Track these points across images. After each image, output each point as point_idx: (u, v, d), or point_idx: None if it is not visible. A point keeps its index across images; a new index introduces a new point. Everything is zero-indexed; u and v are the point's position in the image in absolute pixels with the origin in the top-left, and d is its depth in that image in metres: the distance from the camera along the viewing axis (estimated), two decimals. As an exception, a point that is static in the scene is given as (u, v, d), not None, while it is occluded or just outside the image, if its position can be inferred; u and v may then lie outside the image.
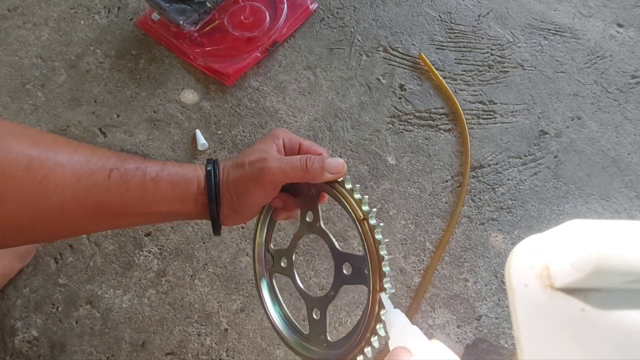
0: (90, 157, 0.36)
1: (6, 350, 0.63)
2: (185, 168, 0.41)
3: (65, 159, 0.35)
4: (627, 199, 0.73)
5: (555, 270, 0.25)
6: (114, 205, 0.37)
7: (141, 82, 0.83)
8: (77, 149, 0.36)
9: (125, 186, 0.37)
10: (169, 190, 0.39)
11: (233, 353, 0.62)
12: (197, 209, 0.41)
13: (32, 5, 0.92)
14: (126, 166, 0.37)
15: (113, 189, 0.36)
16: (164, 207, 0.39)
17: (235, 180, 0.41)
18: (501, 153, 0.76)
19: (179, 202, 0.40)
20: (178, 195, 0.40)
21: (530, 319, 0.25)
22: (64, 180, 0.34)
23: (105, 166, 0.36)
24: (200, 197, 0.40)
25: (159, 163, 0.40)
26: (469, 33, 0.88)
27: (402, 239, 0.69)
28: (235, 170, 0.42)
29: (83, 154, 0.36)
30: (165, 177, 0.39)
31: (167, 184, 0.39)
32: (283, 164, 0.40)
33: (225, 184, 0.41)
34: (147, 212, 0.39)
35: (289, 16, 0.87)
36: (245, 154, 0.42)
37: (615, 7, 0.90)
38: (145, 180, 0.38)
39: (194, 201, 0.40)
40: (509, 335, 0.63)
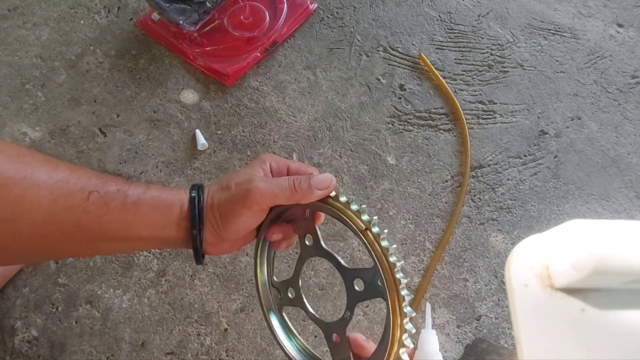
0: (69, 177, 0.35)
1: (6, 350, 0.63)
2: (169, 192, 0.40)
3: (42, 178, 0.34)
4: (627, 199, 0.73)
5: (555, 270, 0.25)
6: (92, 228, 0.36)
7: (141, 82, 0.83)
8: (56, 169, 0.35)
9: (104, 209, 0.36)
10: (150, 213, 0.38)
11: (233, 353, 0.62)
12: (179, 234, 0.39)
13: (32, 5, 0.92)
14: (107, 188, 0.36)
15: (91, 211, 0.35)
16: (144, 232, 0.38)
17: (221, 203, 0.39)
18: (501, 153, 0.76)
19: (160, 226, 0.39)
20: (159, 220, 0.38)
21: (530, 319, 0.25)
22: (39, 200, 0.33)
23: (85, 187, 0.35)
24: (183, 222, 0.39)
25: (141, 186, 0.39)
26: (469, 33, 0.88)
27: (402, 239, 0.69)
28: (220, 192, 0.40)
29: (62, 174, 0.35)
30: (146, 200, 0.38)
31: (148, 207, 0.38)
32: (271, 184, 0.39)
33: (210, 207, 0.40)
34: (126, 236, 0.38)
35: (288, 16, 0.87)
36: (232, 177, 0.41)
37: (615, 7, 0.90)
38: (126, 203, 0.37)
39: (176, 226, 0.39)
40: (509, 335, 0.63)
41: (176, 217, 0.39)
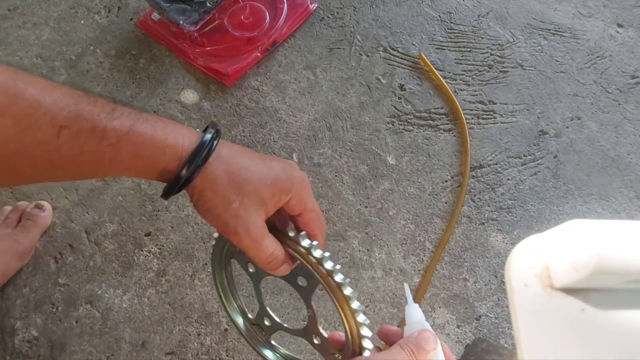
0: (36, 106, 0.30)
1: (6, 350, 0.63)
2: (161, 136, 0.34)
3: (6, 102, 0.29)
4: (627, 199, 0.73)
5: (555, 270, 0.25)
6: (66, 166, 0.32)
7: (141, 81, 0.83)
8: (20, 94, 0.30)
9: (77, 149, 0.31)
10: (130, 161, 0.33)
11: (233, 353, 0.62)
12: (160, 178, 0.35)
13: (32, 5, 0.92)
14: (80, 124, 0.31)
15: (64, 151, 0.31)
16: (123, 173, 0.35)
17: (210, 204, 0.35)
18: (501, 153, 0.76)
19: (140, 172, 0.34)
20: (141, 168, 0.34)
21: (530, 319, 0.25)
22: (4, 131, 0.29)
23: (54, 122, 0.30)
24: (167, 174, 0.35)
25: (128, 120, 0.33)
26: (468, 33, 0.88)
27: (402, 239, 0.70)
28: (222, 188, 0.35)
29: (27, 101, 0.30)
30: (128, 144, 0.32)
31: (128, 154, 0.33)
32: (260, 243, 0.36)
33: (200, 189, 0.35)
34: (102, 175, 0.35)
35: (288, 16, 0.87)
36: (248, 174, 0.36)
37: (615, 7, 0.90)
38: (102, 146, 0.32)
39: (159, 175, 0.35)
40: (509, 335, 0.63)
41: (162, 169, 0.34)
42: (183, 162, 0.34)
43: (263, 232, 0.37)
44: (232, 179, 0.36)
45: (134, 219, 0.71)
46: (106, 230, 0.70)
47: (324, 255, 0.38)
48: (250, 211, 0.36)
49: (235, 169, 0.36)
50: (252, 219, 0.36)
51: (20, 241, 0.66)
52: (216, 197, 0.35)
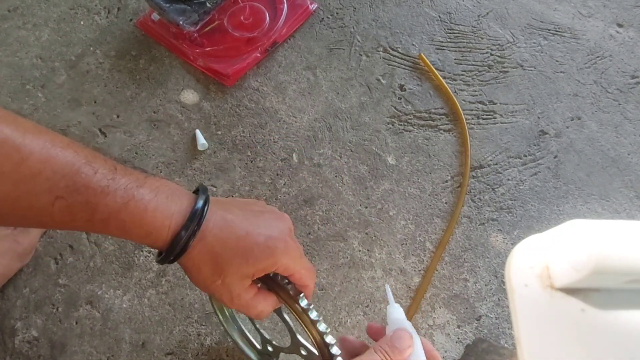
0: (37, 176, 0.31)
1: (6, 350, 0.63)
2: (150, 216, 0.35)
3: (7, 170, 0.30)
4: (627, 199, 0.73)
5: (555, 270, 0.25)
6: (57, 227, 0.34)
7: (141, 82, 0.83)
8: (24, 161, 0.31)
9: (69, 218, 0.33)
10: (117, 234, 0.35)
11: (233, 353, 0.62)
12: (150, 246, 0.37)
13: (32, 5, 0.92)
14: (74, 198, 0.32)
15: (57, 218, 0.33)
16: (113, 237, 0.37)
17: (197, 277, 0.38)
18: (501, 153, 0.76)
19: (130, 239, 0.36)
20: (128, 238, 0.36)
21: (530, 319, 0.25)
22: (2, 194, 0.31)
23: (52, 190, 0.32)
24: (160, 245, 0.37)
25: (118, 199, 0.34)
26: (468, 33, 0.88)
27: (402, 239, 0.70)
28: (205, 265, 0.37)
29: (29, 170, 0.31)
30: (117, 221, 0.34)
31: (116, 229, 0.35)
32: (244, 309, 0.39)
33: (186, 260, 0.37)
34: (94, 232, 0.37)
35: (288, 16, 0.87)
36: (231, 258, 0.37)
37: (615, 7, 0.90)
38: (93, 219, 0.34)
39: (148, 244, 0.37)
40: (509, 335, 0.63)
41: (149, 244, 0.36)
42: (167, 245, 0.36)
43: (248, 299, 0.39)
44: (214, 260, 0.37)
45: (134, 219, 0.71)
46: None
47: (310, 307, 0.41)
48: (233, 285, 0.38)
49: (217, 249, 0.37)
50: (237, 292, 0.38)
51: (20, 242, 0.66)
52: (200, 276, 0.37)
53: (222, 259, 0.37)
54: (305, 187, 0.74)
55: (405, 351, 0.36)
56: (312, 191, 0.73)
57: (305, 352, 0.47)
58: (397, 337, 0.37)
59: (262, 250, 0.38)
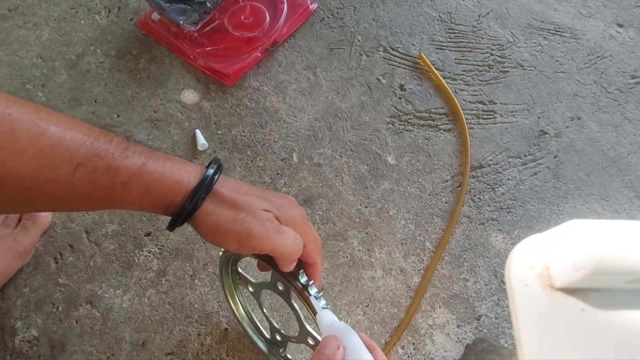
0: (56, 146, 0.32)
1: (6, 350, 0.63)
2: (169, 174, 0.36)
3: (25, 145, 0.31)
4: (627, 199, 0.73)
5: (555, 270, 0.25)
6: (78, 200, 0.34)
7: (141, 82, 0.83)
8: (42, 134, 0.31)
9: (91, 186, 0.33)
10: (139, 198, 0.35)
11: (233, 353, 0.62)
12: (165, 213, 0.38)
13: (32, 5, 0.92)
14: (95, 163, 0.33)
15: (78, 186, 0.33)
16: (132, 208, 0.37)
17: (218, 222, 0.37)
18: (501, 153, 0.76)
19: (147, 207, 0.37)
20: (148, 204, 0.36)
21: (530, 319, 0.25)
22: (22, 169, 0.31)
23: (72, 160, 0.32)
24: (172, 208, 0.37)
25: (139, 159, 0.35)
26: (469, 33, 0.88)
27: (402, 238, 0.70)
28: (225, 209, 0.37)
29: (50, 139, 0.32)
30: (139, 183, 0.35)
31: (138, 191, 0.35)
32: (277, 238, 0.38)
33: (203, 214, 0.37)
34: (111, 208, 0.37)
35: (289, 16, 0.87)
36: (245, 197, 0.38)
37: (615, 7, 0.90)
38: (115, 183, 0.34)
39: (165, 209, 0.37)
40: (509, 335, 0.63)
41: (168, 203, 0.37)
42: (187, 196, 0.36)
43: (276, 224, 0.38)
44: (232, 202, 0.38)
45: (134, 219, 0.71)
46: (106, 231, 0.70)
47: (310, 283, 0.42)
48: (259, 213, 0.38)
49: (234, 196, 0.38)
50: (264, 216, 0.38)
51: (20, 241, 0.66)
52: (220, 218, 0.37)
53: (242, 199, 0.38)
54: (305, 186, 0.74)
55: (335, 354, 0.36)
56: (312, 191, 0.73)
57: (313, 342, 0.47)
58: (323, 346, 0.36)
59: (278, 195, 0.41)
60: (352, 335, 0.37)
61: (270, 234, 0.37)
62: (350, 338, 0.37)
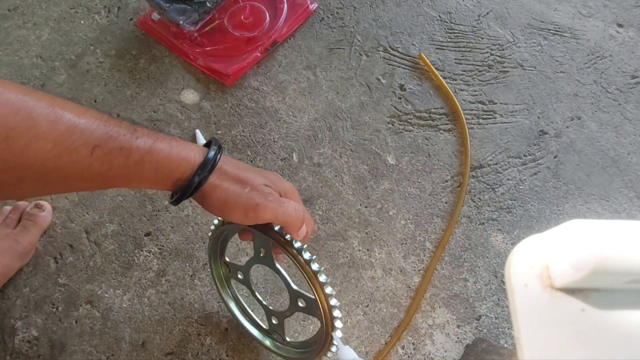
0: (73, 130, 0.34)
1: (6, 350, 0.63)
2: (176, 151, 0.40)
3: (45, 130, 0.33)
4: (627, 199, 0.73)
5: (555, 270, 0.25)
6: (94, 180, 0.37)
7: (141, 82, 0.83)
8: (61, 116, 0.34)
9: (107, 166, 0.36)
10: (151, 175, 0.39)
11: (233, 353, 0.62)
12: (173, 188, 0.41)
13: (32, 5, 0.92)
14: (110, 144, 0.36)
15: (95, 167, 0.36)
16: (143, 185, 0.40)
17: (226, 195, 0.41)
18: (501, 153, 0.76)
19: (159, 184, 0.40)
20: (159, 179, 0.40)
21: (530, 319, 0.25)
22: (44, 153, 0.33)
23: (89, 142, 0.35)
24: (180, 182, 0.40)
25: (148, 140, 0.38)
26: (468, 33, 0.88)
27: (402, 238, 0.70)
28: (231, 183, 0.41)
29: (66, 123, 0.34)
30: (150, 160, 0.38)
31: (150, 168, 0.38)
32: (279, 207, 0.42)
33: (211, 188, 0.41)
34: (124, 186, 0.40)
35: (289, 16, 0.87)
36: (248, 173, 0.42)
37: (615, 7, 0.90)
38: (129, 162, 0.37)
39: (173, 184, 0.41)
40: (509, 335, 0.63)
41: (176, 178, 0.40)
42: (195, 170, 0.40)
43: (279, 196, 0.43)
44: (237, 178, 0.42)
45: (134, 219, 0.71)
46: (106, 231, 0.70)
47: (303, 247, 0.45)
48: (261, 188, 0.42)
49: (237, 172, 0.42)
50: (267, 190, 0.42)
51: (20, 241, 0.66)
52: (228, 192, 0.41)
53: (245, 175, 0.42)
54: (305, 186, 0.74)
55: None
56: (312, 191, 0.73)
57: (303, 304, 0.49)
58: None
59: (269, 172, 0.45)
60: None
61: (275, 205, 0.41)
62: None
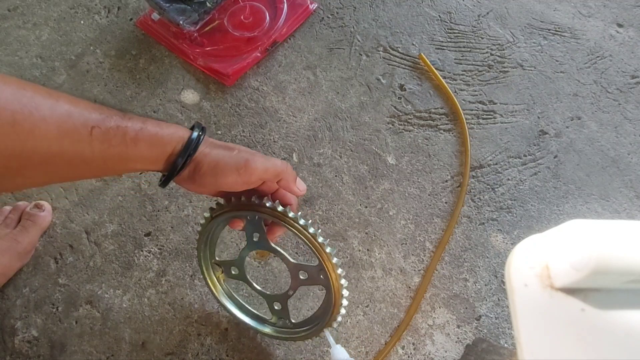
0: (71, 112, 0.36)
1: (6, 350, 0.63)
2: (166, 128, 0.42)
3: (47, 112, 0.34)
4: (627, 199, 0.73)
5: (555, 270, 0.25)
6: (95, 161, 0.38)
7: (141, 82, 0.83)
8: (57, 101, 0.36)
9: (106, 144, 0.38)
10: (146, 150, 0.40)
11: (233, 353, 0.62)
12: (165, 167, 0.43)
13: (32, 5, 0.92)
14: (107, 123, 0.38)
15: (95, 147, 0.37)
16: (138, 166, 0.41)
17: (217, 159, 0.43)
18: (501, 153, 0.76)
19: (152, 161, 0.42)
20: (153, 156, 0.41)
21: (530, 319, 0.25)
22: (48, 135, 0.34)
23: (87, 123, 0.36)
24: (173, 157, 0.42)
25: (139, 121, 0.40)
26: (468, 33, 0.88)
27: (402, 239, 0.70)
28: (220, 149, 0.44)
29: (64, 107, 0.36)
30: (144, 136, 0.40)
31: (145, 144, 0.40)
32: (266, 161, 0.45)
33: (202, 156, 0.43)
34: (122, 169, 0.41)
35: (288, 16, 0.87)
36: (233, 145, 0.46)
37: (615, 7, 0.90)
38: (126, 140, 0.39)
39: (165, 161, 0.42)
40: (509, 335, 0.63)
41: (168, 153, 0.42)
42: (186, 141, 0.42)
43: (265, 155, 0.46)
44: (225, 146, 0.45)
45: (134, 219, 0.71)
46: (106, 231, 0.70)
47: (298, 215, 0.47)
48: (248, 149, 0.46)
49: (224, 143, 0.46)
50: (252, 151, 0.46)
51: (20, 241, 0.66)
52: (218, 156, 0.44)
53: (230, 144, 0.46)
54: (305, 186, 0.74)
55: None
56: (312, 191, 0.73)
57: (305, 275, 0.51)
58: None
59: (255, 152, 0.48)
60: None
61: (263, 159, 0.45)
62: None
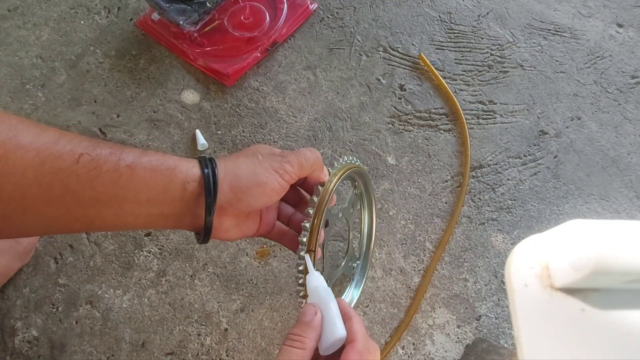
0: (58, 139, 0.33)
1: (6, 350, 0.63)
2: (169, 157, 0.37)
3: (28, 140, 0.31)
4: (627, 199, 0.73)
5: (555, 270, 0.25)
6: (83, 192, 0.33)
7: (141, 82, 0.83)
8: (44, 131, 0.33)
9: (96, 171, 0.33)
10: (147, 176, 0.35)
11: (233, 353, 0.62)
12: (184, 200, 0.37)
13: (32, 5, 0.92)
14: (98, 151, 0.34)
15: (82, 174, 0.33)
16: (142, 196, 0.35)
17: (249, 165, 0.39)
18: (501, 153, 0.76)
19: (161, 191, 0.36)
20: (159, 183, 0.35)
21: (530, 319, 0.25)
22: (24, 162, 0.31)
23: (75, 150, 0.33)
24: (190, 185, 0.36)
25: (137, 150, 0.36)
26: (468, 33, 0.88)
27: (402, 239, 0.70)
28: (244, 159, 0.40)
29: (50, 137, 0.33)
30: (143, 163, 0.35)
31: (145, 170, 0.35)
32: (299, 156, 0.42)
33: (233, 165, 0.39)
34: (122, 201, 0.35)
35: (288, 16, 0.87)
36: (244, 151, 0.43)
37: (615, 7, 0.90)
38: (120, 166, 0.34)
39: (181, 189, 0.36)
40: (509, 335, 0.63)
41: (181, 180, 0.36)
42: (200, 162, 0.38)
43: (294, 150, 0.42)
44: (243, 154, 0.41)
45: (134, 219, 0.71)
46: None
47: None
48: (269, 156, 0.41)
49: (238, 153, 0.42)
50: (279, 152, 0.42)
51: (20, 241, 0.66)
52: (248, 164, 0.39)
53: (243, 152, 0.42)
54: (305, 186, 0.74)
55: (312, 322, 0.37)
56: (312, 191, 0.73)
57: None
58: (302, 313, 0.38)
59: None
60: (330, 303, 0.39)
61: (293, 155, 0.41)
62: (328, 306, 0.38)
